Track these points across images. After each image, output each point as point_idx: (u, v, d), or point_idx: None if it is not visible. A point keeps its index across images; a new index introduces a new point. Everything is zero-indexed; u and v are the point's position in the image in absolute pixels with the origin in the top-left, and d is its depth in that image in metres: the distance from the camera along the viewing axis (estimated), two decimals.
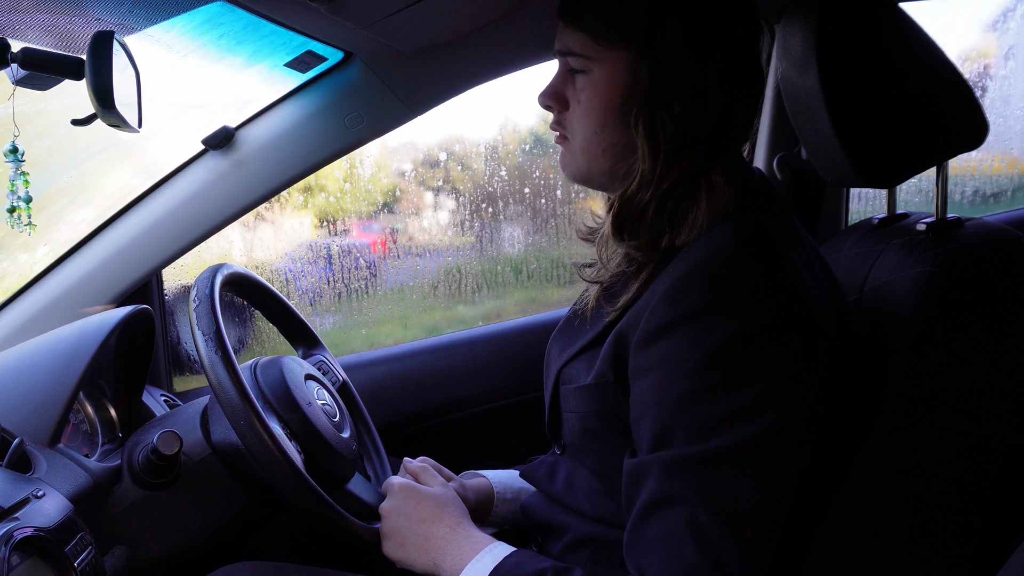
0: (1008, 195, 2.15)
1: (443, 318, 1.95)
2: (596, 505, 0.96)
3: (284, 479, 0.89)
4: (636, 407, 0.84)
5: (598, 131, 0.90)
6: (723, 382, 0.78)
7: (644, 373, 0.83)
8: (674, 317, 0.80)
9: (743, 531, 0.77)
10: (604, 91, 0.88)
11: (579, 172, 0.95)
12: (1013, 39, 2.03)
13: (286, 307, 1.24)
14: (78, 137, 1.39)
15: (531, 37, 1.24)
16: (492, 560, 0.89)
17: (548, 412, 1.02)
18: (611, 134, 0.90)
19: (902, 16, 0.98)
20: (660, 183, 0.87)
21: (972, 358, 0.91)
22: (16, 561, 0.72)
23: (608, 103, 0.88)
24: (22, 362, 1.01)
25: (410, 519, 0.97)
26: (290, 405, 1.00)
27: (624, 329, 0.87)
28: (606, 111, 0.89)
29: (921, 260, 0.94)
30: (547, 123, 0.97)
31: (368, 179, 1.90)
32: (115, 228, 1.36)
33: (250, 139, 1.33)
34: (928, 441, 0.91)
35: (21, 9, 0.94)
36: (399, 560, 0.97)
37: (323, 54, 1.23)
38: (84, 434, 1.09)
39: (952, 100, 0.98)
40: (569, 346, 0.98)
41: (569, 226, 1.96)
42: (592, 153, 0.92)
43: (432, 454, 1.18)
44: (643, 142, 0.87)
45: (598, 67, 0.88)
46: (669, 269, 0.85)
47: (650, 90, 0.85)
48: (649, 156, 0.87)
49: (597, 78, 0.88)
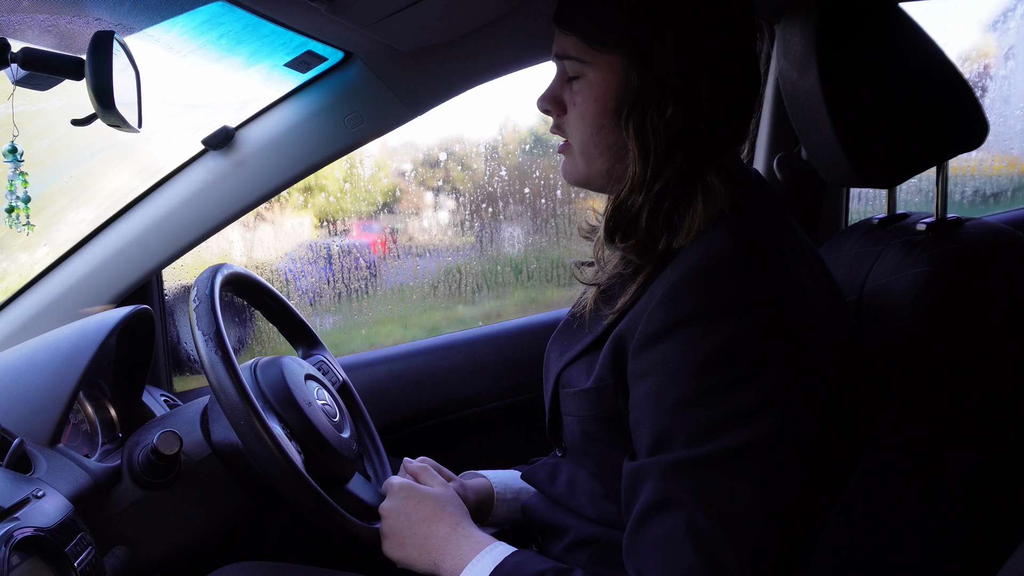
0: (1008, 195, 2.15)
1: (443, 318, 1.95)
2: (597, 507, 0.96)
3: (284, 479, 0.89)
4: (635, 410, 0.84)
5: (594, 134, 0.90)
6: (721, 385, 0.78)
7: (643, 377, 0.83)
8: (672, 321, 0.80)
9: (742, 534, 0.77)
10: (599, 94, 0.88)
11: (579, 176, 0.96)
12: (1013, 39, 2.04)
13: (286, 307, 1.24)
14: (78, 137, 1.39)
15: (531, 37, 1.24)
16: (493, 560, 0.89)
17: (548, 415, 1.02)
18: (607, 136, 0.90)
19: (902, 16, 0.98)
20: (652, 185, 0.88)
21: (972, 358, 0.91)
22: (16, 561, 0.72)
23: (603, 106, 0.88)
24: (22, 362, 1.01)
25: (410, 519, 0.97)
26: (290, 405, 1.00)
27: (623, 332, 0.87)
28: (601, 114, 0.89)
29: (921, 260, 0.94)
30: (547, 123, 0.97)
31: (368, 179, 1.90)
32: (115, 228, 1.36)
33: (250, 139, 1.33)
34: (928, 441, 0.91)
35: (21, 9, 0.94)
36: (399, 560, 0.97)
37: (323, 54, 1.23)
38: (84, 434, 1.09)
39: (952, 100, 0.98)
40: (568, 350, 0.98)
41: (569, 226, 1.96)
42: (590, 156, 0.92)
43: (432, 454, 1.18)
44: (633, 144, 0.87)
45: (593, 70, 0.88)
46: (667, 272, 0.85)
47: (641, 92, 0.86)
48: (640, 158, 0.87)
49: (592, 81, 0.89)
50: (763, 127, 1.51)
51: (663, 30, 0.84)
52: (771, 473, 0.79)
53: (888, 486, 0.92)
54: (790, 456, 0.80)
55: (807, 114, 1.00)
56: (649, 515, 0.80)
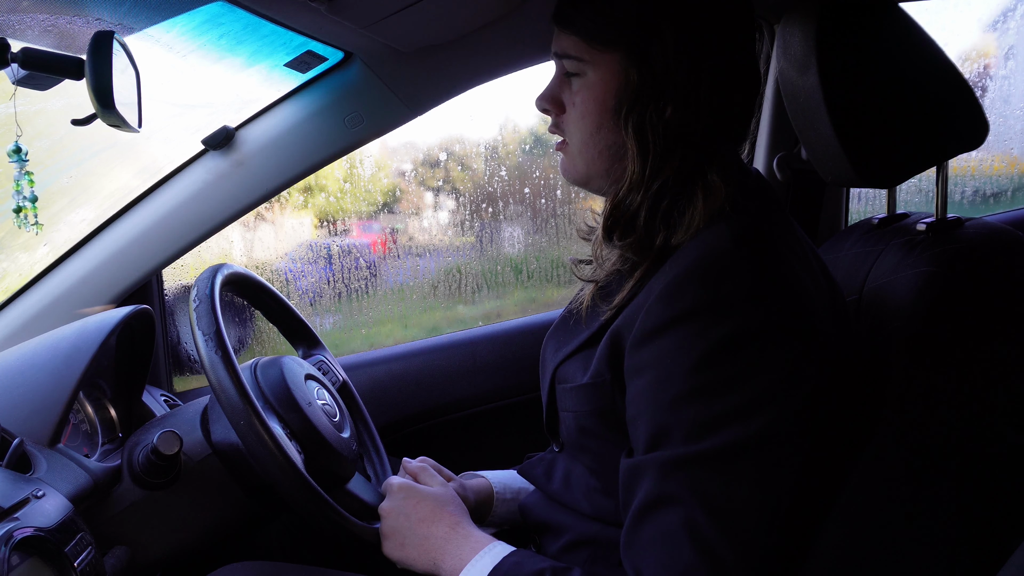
0: (1008, 195, 2.15)
1: (443, 318, 1.95)
2: (594, 503, 0.96)
3: (284, 479, 0.89)
4: (632, 406, 0.85)
5: (593, 133, 0.90)
6: (718, 382, 0.78)
7: (640, 372, 0.83)
8: (670, 317, 0.80)
9: (740, 531, 0.77)
10: (598, 93, 0.89)
11: (578, 175, 0.96)
12: (1013, 39, 2.04)
13: (286, 307, 1.24)
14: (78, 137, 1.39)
15: (531, 37, 1.24)
16: (491, 560, 0.89)
17: (546, 411, 1.02)
18: (606, 136, 0.90)
19: (902, 16, 0.98)
20: (650, 184, 0.88)
21: (972, 358, 0.91)
22: (16, 561, 0.72)
23: (602, 105, 0.89)
24: (22, 362, 1.01)
25: (410, 519, 0.97)
26: (290, 405, 1.00)
27: (620, 328, 0.87)
28: (601, 113, 0.89)
29: (921, 260, 0.94)
30: (547, 123, 0.97)
31: (368, 179, 1.90)
32: (115, 228, 1.36)
33: (250, 139, 1.33)
34: (928, 441, 0.91)
35: (21, 9, 0.94)
36: (399, 560, 0.97)
37: (323, 54, 1.23)
38: (84, 434, 1.09)
39: (952, 100, 0.98)
40: (564, 345, 0.98)
41: (569, 226, 1.96)
42: (589, 156, 0.92)
43: (432, 454, 1.18)
44: (632, 143, 0.87)
45: (592, 70, 0.88)
46: (665, 268, 0.85)
47: (640, 91, 0.86)
48: (638, 156, 0.87)
49: (591, 81, 0.89)
50: (763, 127, 1.52)
51: (662, 29, 0.84)
52: (769, 471, 0.79)
53: (888, 486, 0.92)
54: (788, 454, 0.80)
55: (807, 114, 1.00)
56: (647, 512, 0.80)
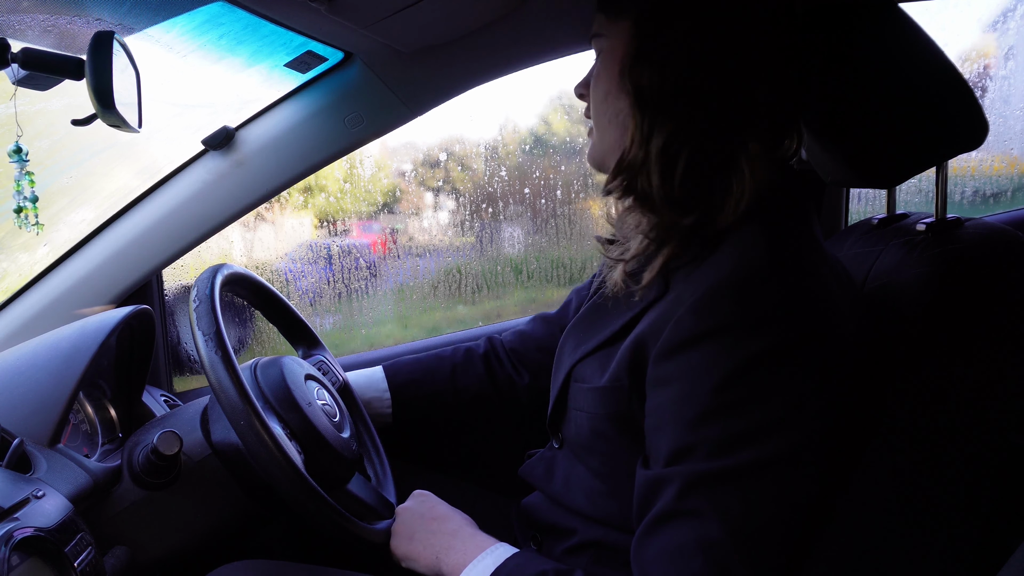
0: (1008, 195, 2.15)
1: (443, 318, 1.95)
2: (597, 506, 0.95)
3: (284, 479, 0.89)
4: (653, 416, 0.83)
5: (603, 100, 0.91)
6: (746, 399, 0.77)
7: (665, 383, 0.82)
8: (701, 330, 0.79)
9: (755, 550, 0.75)
10: (609, 61, 0.90)
11: (596, 154, 0.96)
12: (1013, 39, 2.04)
13: (286, 307, 1.24)
14: (78, 137, 1.39)
15: (531, 37, 1.24)
16: (494, 561, 0.89)
17: (552, 405, 1.02)
18: (612, 103, 0.90)
19: (902, 16, 0.98)
20: (650, 137, 0.85)
21: (972, 358, 0.91)
22: (16, 561, 0.72)
23: (612, 72, 0.89)
24: (22, 362, 1.01)
25: (423, 517, 1.01)
26: (290, 405, 1.00)
27: (644, 336, 0.86)
28: (610, 79, 0.90)
29: (921, 260, 0.94)
30: (547, 123, 0.97)
31: (368, 179, 1.90)
32: (115, 228, 1.36)
33: (250, 139, 1.33)
34: (928, 442, 0.91)
35: (21, 9, 0.94)
36: (404, 555, 0.98)
37: (323, 54, 1.23)
38: (84, 434, 1.09)
39: (952, 100, 0.98)
40: (584, 343, 0.97)
41: (569, 226, 1.96)
42: (602, 128, 0.93)
43: (432, 454, 1.18)
44: (630, 95, 0.86)
45: (607, 41, 0.90)
46: (696, 276, 0.84)
47: (641, 54, 0.85)
48: (637, 109, 0.85)
49: (605, 51, 0.91)
50: None
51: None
52: (790, 488, 0.77)
53: (889, 486, 0.92)
54: (811, 472, 0.79)
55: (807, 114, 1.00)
56: (661, 523, 0.79)
